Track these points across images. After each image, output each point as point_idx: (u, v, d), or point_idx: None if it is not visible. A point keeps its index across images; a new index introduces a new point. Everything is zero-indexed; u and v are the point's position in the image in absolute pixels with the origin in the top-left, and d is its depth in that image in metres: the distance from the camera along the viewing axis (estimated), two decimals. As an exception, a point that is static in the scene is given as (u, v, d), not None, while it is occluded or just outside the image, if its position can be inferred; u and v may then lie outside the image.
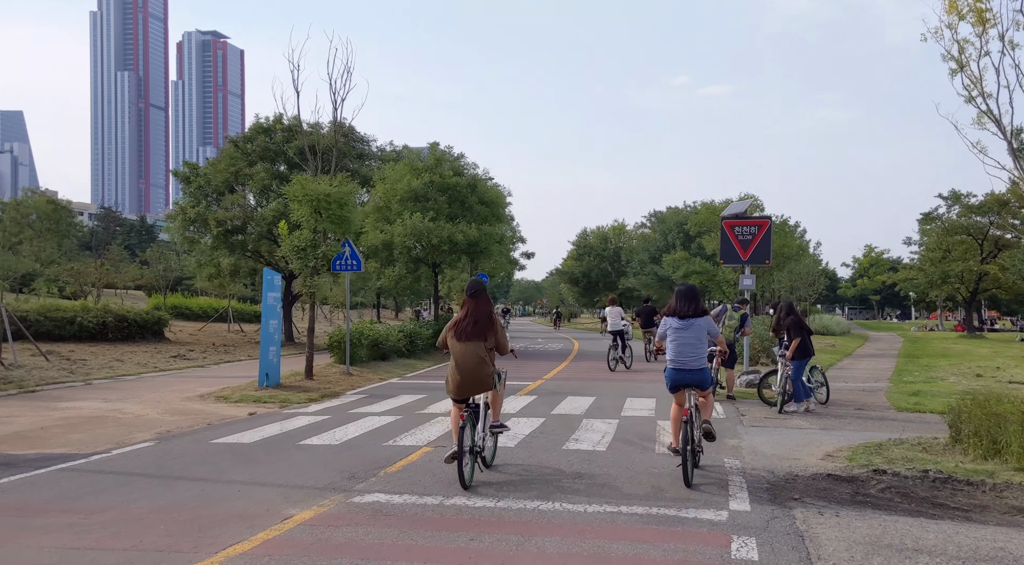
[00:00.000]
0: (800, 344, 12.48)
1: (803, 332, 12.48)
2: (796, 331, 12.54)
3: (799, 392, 12.47)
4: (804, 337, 12.48)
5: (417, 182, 25.28)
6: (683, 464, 7.09)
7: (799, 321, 12.57)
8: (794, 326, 12.55)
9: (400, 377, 17.71)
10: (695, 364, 7.49)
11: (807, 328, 12.61)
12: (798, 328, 12.51)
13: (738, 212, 16.61)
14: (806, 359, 12.48)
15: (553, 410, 12.08)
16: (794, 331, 12.55)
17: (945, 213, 42.52)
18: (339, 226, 15.80)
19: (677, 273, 35.23)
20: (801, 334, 12.50)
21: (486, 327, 7.43)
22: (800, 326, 12.53)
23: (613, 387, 15.71)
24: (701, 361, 7.53)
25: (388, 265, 25.91)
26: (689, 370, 7.50)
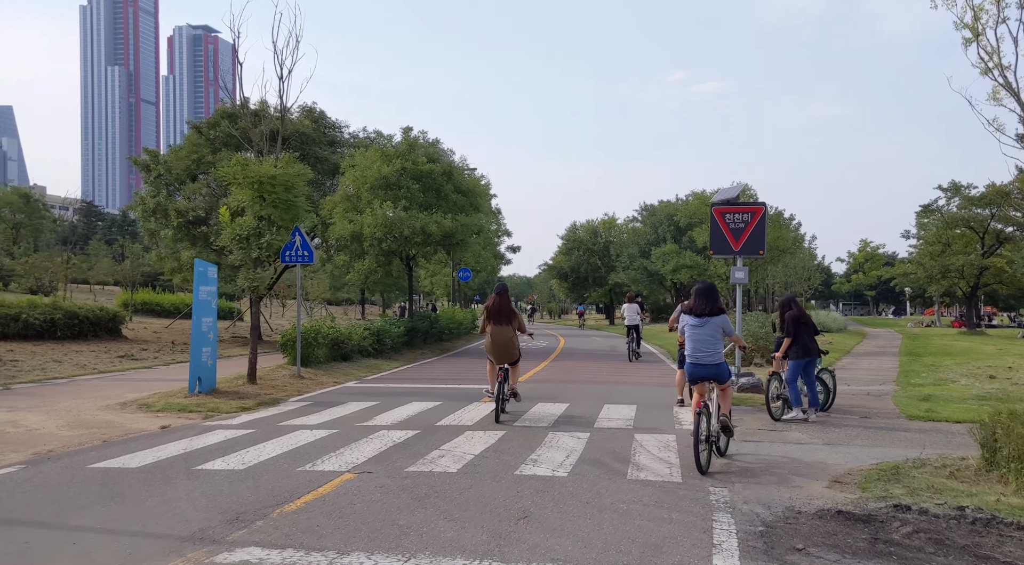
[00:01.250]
0: (795, 342, 10.96)
1: (802, 328, 10.97)
2: (791, 327, 11.02)
3: (793, 397, 10.97)
4: (802, 334, 10.96)
5: (388, 169, 23.66)
6: (695, 454, 7.44)
7: (797, 316, 11.05)
8: (791, 322, 11.03)
9: (358, 380, 16.13)
10: (710, 359, 7.92)
11: (809, 324, 11.08)
12: (794, 324, 10.99)
13: (729, 198, 15.05)
14: (804, 360, 10.96)
15: (517, 421, 10.53)
16: (789, 327, 11.03)
17: (945, 206, 41.07)
18: (286, 212, 14.22)
19: (666, 267, 33.73)
20: (798, 331, 10.99)
21: (511, 315, 11.35)
22: (797, 322, 11.02)
23: (591, 391, 14.17)
24: (717, 356, 7.95)
25: (359, 258, 24.30)
26: (704, 365, 7.94)
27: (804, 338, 10.92)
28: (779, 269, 31.97)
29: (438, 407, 11.88)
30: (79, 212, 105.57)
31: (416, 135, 24.76)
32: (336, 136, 28.64)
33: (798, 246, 34.13)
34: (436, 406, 11.99)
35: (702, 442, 7.51)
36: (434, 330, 25.93)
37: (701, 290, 8.24)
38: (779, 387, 11.30)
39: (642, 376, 17.49)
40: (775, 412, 11.15)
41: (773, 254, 29.32)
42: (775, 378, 11.47)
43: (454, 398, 12.99)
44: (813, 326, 11.20)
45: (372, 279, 24.42)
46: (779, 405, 11.37)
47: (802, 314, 11.13)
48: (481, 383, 15.18)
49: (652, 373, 18.21)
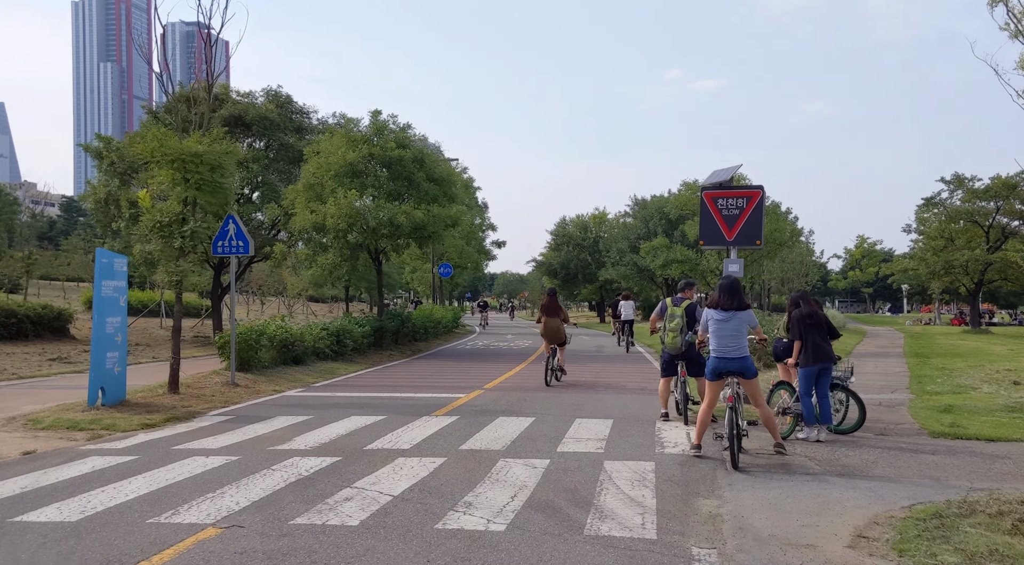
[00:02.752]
0: (805, 346, 9.19)
1: (811, 330, 9.20)
2: (796, 328, 9.26)
3: (806, 414, 9.20)
4: (811, 336, 9.19)
5: (354, 155, 21.78)
6: (730, 449, 7.62)
7: (806, 315, 9.26)
8: (796, 322, 9.27)
9: (304, 388, 14.30)
10: (737, 353, 7.91)
11: (821, 325, 9.29)
12: (800, 324, 9.23)
13: (722, 181, 13.25)
14: (815, 367, 9.18)
15: (465, 442, 8.73)
16: (795, 328, 9.28)
17: (948, 199, 39.33)
18: (212, 196, 12.40)
19: (656, 262, 31.91)
20: (805, 332, 9.23)
21: (558, 310, 15.44)
22: (804, 321, 9.25)
23: (564, 401, 12.37)
24: (743, 350, 7.95)
25: (322, 251, 22.44)
26: (731, 359, 7.92)
27: (814, 340, 9.15)
28: (776, 264, 30.19)
29: (379, 423, 10.08)
30: (61, 207, 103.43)
31: (385, 119, 22.90)
32: (304, 122, 26.74)
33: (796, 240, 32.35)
34: (377, 422, 10.18)
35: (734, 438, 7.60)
36: (405, 330, 24.11)
37: (725, 286, 8.20)
38: (788, 400, 9.53)
39: (624, 380, 15.71)
40: (781, 429, 9.40)
41: (770, 247, 27.58)
42: (783, 389, 9.70)
43: (403, 411, 11.19)
44: (827, 326, 9.38)
45: (336, 274, 22.54)
46: (785, 421, 9.62)
47: (813, 313, 9.34)
48: (445, 390, 13.41)
49: (635, 377, 16.43)
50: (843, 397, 9.67)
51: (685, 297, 10.47)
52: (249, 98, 26.69)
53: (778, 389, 9.74)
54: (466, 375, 16.89)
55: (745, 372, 7.90)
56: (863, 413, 9.52)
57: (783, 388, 9.71)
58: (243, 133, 25.33)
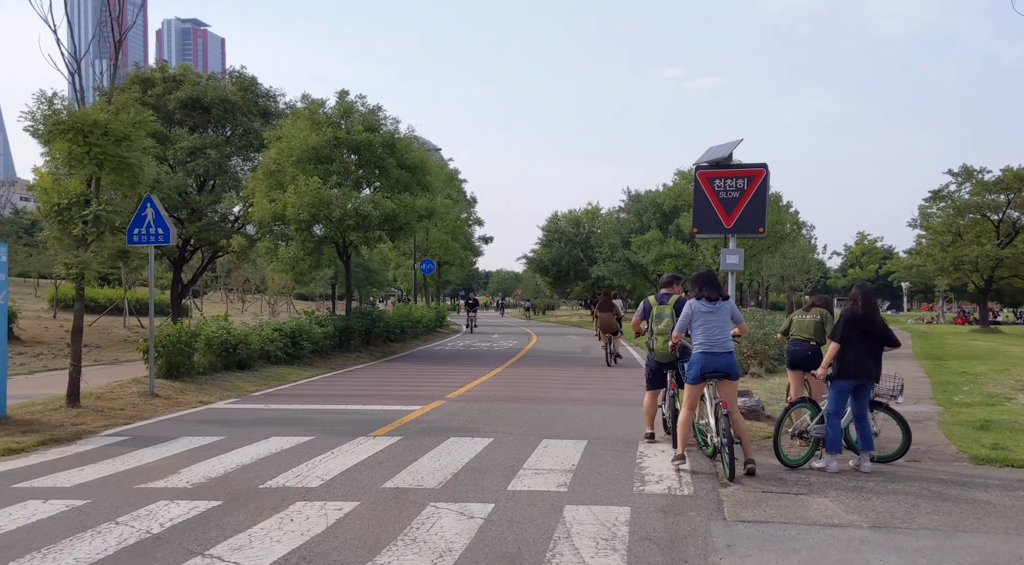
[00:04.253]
0: (845, 353, 7.34)
1: (858, 336, 7.33)
2: (840, 329, 7.41)
3: (831, 438, 7.36)
4: (855, 343, 7.30)
5: (317, 138, 19.91)
6: (728, 462, 6.90)
7: (860, 318, 7.35)
8: (844, 322, 7.40)
9: (238, 398, 12.45)
10: (725, 346, 7.27)
11: (872, 331, 7.35)
12: (847, 326, 7.35)
13: (719, 158, 11.40)
14: (852, 381, 7.32)
15: (394, 477, 6.91)
16: (838, 328, 7.44)
17: (955, 192, 37.48)
18: (118, 174, 10.55)
19: (648, 256, 30.05)
20: (848, 336, 7.36)
21: (611, 307, 18.98)
22: (857, 325, 7.36)
23: (532, 415, 10.54)
24: (730, 344, 7.33)
25: (284, 244, 20.57)
26: (720, 353, 7.21)
27: (859, 351, 7.29)
28: (776, 259, 28.35)
29: (300, 447, 8.25)
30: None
31: (353, 100, 21.02)
32: (270, 106, 24.84)
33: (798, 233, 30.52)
34: (298, 445, 8.35)
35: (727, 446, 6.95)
36: (377, 330, 22.26)
37: (704, 276, 7.62)
38: (811, 420, 7.72)
39: (607, 387, 13.90)
40: (792, 455, 7.61)
41: (770, 241, 25.78)
42: (804, 408, 7.87)
43: (338, 429, 9.36)
44: (883, 336, 7.41)
45: (299, 269, 20.68)
46: (800, 446, 7.83)
47: (868, 316, 7.39)
48: (401, 400, 11.59)
49: (620, 384, 14.61)
50: (883, 418, 7.82)
51: (671, 293, 8.69)
52: (212, 81, 24.83)
53: (798, 407, 7.90)
54: (432, 381, 15.07)
55: (732, 370, 7.25)
56: (908, 438, 7.67)
57: (804, 407, 7.88)
58: (201, 117, 23.46)
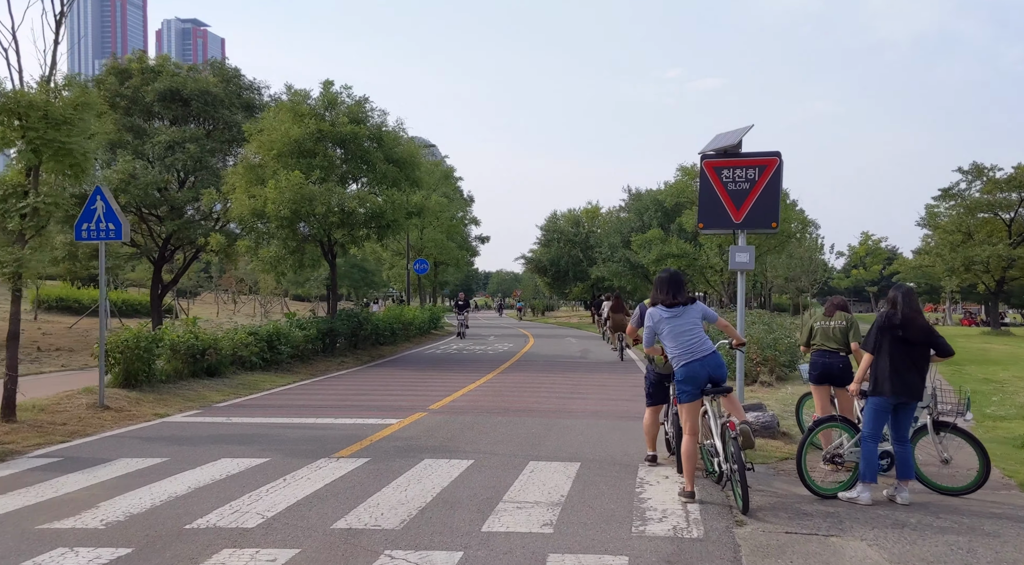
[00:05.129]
0: (879, 365, 6.29)
1: (897, 345, 6.26)
2: (874, 337, 6.37)
3: (865, 465, 6.29)
4: (898, 354, 6.23)
5: (299, 130, 18.85)
6: (742, 493, 5.87)
7: (900, 322, 6.28)
8: (879, 329, 6.36)
9: (201, 409, 11.38)
10: (705, 348, 6.35)
11: (913, 339, 6.26)
12: (886, 333, 6.31)
13: (728, 146, 10.31)
14: (891, 399, 6.25)
15: (348, 514, 5.85)
16: (872, 337, 6.40)
17: (966, 189, 36.37)
18: (58, 161, 9.49)
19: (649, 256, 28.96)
20: (879, 343, 6.33)
21: (622, 308, 21.67)
22: (894, 330, 6.28)
23: (521, 430, 9.47)
24: (708, 343, 6.43)
25: (264, 242, 19.52)
26: (704, 357, 6.30)
27: (898, 362, 6.23)
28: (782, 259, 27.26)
29: (249, 472, 7.19)
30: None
31: (338, 90, 19.97)
32: (253, 99, 23.78)
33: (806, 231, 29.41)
34: (248, 470, 7.29)
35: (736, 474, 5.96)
36: (364, 332, 21.19)
37: (665, 279, 6.73)
38: (847, 442, 6.68)
39: (605, 398, 12.82)
40: (822, 481, 6.60)
41: (777, 240, 24.69)
42: (836, 427, 6.84)
43: (299, 449, 8.29)
44: (921, 339, 6.30)
45: (281, 269, 19.63)
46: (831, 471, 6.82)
47: (909, 320, 6.30)
48: (378, 412, 10.52)
49: (619, 393, 13.54)
50: (952, 442, 6.69)
51: None
52: (192, 72, 23.78)
53: (828, 426, 6.85)
54: (417, 389, 14.02)
55: (720, 374, 6.36)
56: (986, 465, 6.44)
57: (836, 426, 6.83)
58: (181, 110, 22.40)
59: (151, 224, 23.44)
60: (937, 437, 6.71)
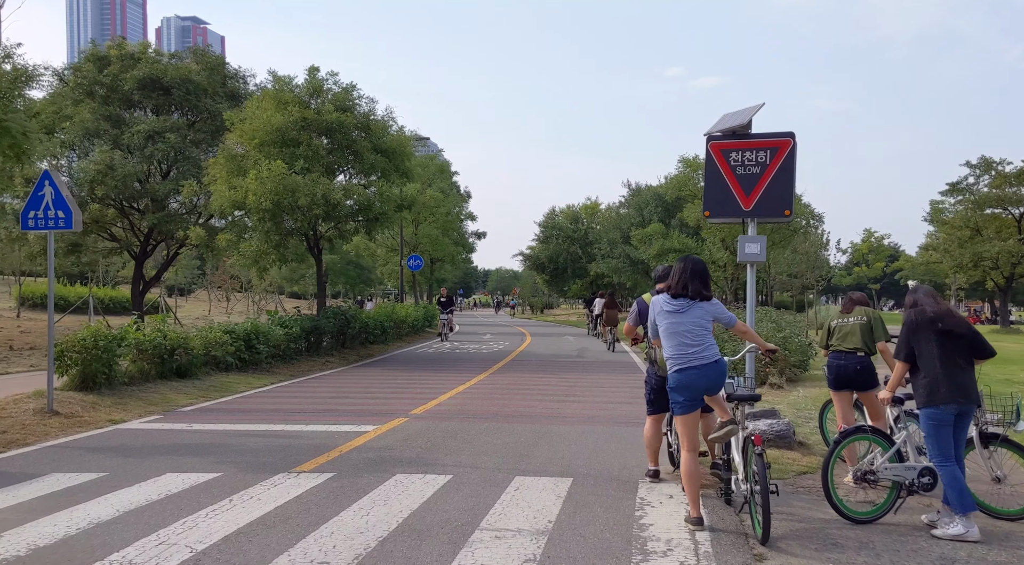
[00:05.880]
0: (921, 370, 5.38)
1: (940, 343, 5.36)
2: (907, 341, 5.47)
3: (955, 493, 5.21)
4: (942, 355, 5.32)
5: (281, 118, 17.93)
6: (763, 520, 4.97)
7: (932, 317, 5.39)
8: (912, 328, 5.47)
9: (163, 414, 10.48)
10: (707, 355, 5.37)
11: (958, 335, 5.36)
12: (920, 331, 5.42)
13: (736, 126, 9.39)
14: (952, 407, 5.30)
15: (295, 545, 4.95)
16: (903, 341, 5.51)
17: (974, 184, 35.43)
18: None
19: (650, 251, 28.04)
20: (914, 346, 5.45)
21: (615, 305, 23.66)
22: (930, 326, 5.38)
23: (509, 438, 8.57)
24: (713, 349, 5.41)
25: (245, 236, 18.59)
26: (702, 366, 5.34)
27: (944, 361, 5.32)
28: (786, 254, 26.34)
29: (195, 490, 6.29)
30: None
31: (324, 77, 19.05)
32: (238, 88, 22.86)
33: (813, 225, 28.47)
34: (195, 487, 6.40)
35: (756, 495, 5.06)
36: (351, 331, 20.27)
37: (683, 266, 5.60)
38: (880, 457, 5.78)
39: (601, 400, 11.92)
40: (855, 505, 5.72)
41: (782, 234, 23.77)
42: (867, 439, 5.96)
43: (258, 462, 7.40)
44: (967, 335, 5.39)
45: (263, 264, 18.71)
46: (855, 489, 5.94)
47: (944, 314, 5.43)
48: (355, 418, 9.62)
49: (616, 395, 12.63)
50: (1003, 457, 5.79)
51: None
52: (175, 59, 22.88)
53: (856, 439, 5.96)
54: (402, 391, 13.12)
55: (719, 385, 5.52)
56: None
57: (867, 438, 5.95)
58: (162, 98, 21.49)
59: (132, 218, 22.55)
60: (986, 451, 5.82)
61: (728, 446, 5.95)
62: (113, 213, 22.21)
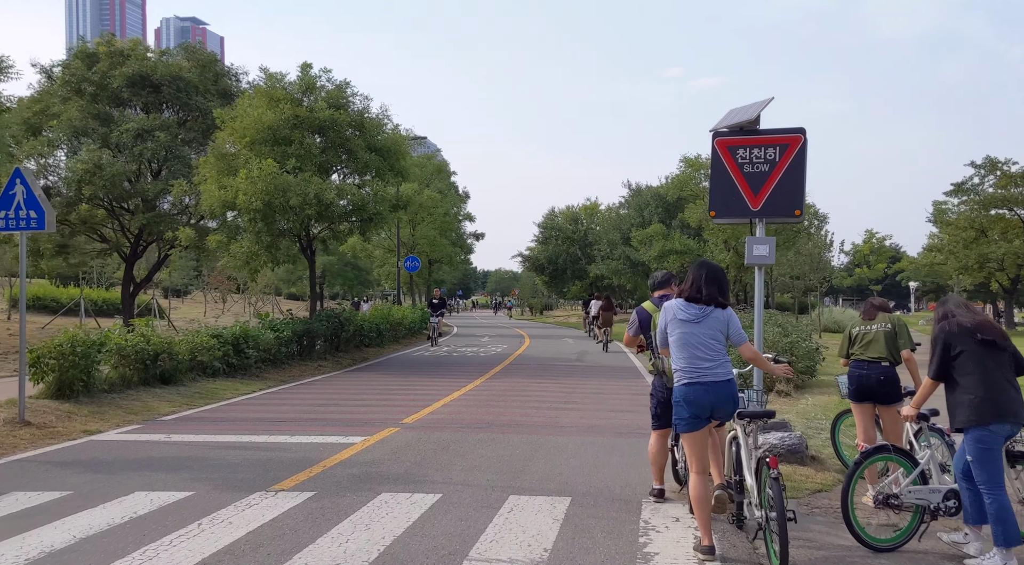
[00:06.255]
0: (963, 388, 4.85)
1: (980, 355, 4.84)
2: (942, 355, 4.98)
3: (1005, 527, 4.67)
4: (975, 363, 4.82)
5: (272, 115, 17.46)
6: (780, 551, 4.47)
7: (971, 327, 4.88)
8: (947, 338, 4.98)
9: (142, 423, 10.00)
10: (720, 372, 4.89)
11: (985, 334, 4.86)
12: (946, 344, 4.94)
13: (744, 122, 8.92)
14: (1006, 425, 4.77)
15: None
16: (937, 354, 5.01)
17: (979, 184, 34.97)
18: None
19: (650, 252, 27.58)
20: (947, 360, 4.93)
21: (611, 307, 24.26)
22: (971, 336, 4.87)
23: (504, 450, 8.10)
24: (727, 368, 4.94)
25: (235, 237, 18.11)
26: (713, 383, 4.86)
27: (988, 373, 4.82)
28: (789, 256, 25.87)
29: (162, 512, 5.83)
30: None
31: (317, 73, 18.58)
32: (230, 86, 22.39)
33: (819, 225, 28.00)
34: (162, 508, 5.93)
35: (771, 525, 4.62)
36: (346, 334, 19.81)
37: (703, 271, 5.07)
38: (902, 478, 5.31)
39: (602, 407, 11.44)
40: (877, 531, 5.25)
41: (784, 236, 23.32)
42: (891, 459, 5.47)
43: (234, 480, 6.93)
44: (1006, 344, 4.89)
45: (254, 266, 18.23)
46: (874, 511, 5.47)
47: (984, 319, 4.99)
48: (343, 428, 9.14)
49: (617, 402, 12.16)
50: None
51: (670, 294, 6.32)
52: (166, 56, 22.42)
53: (878, 459, 5.49)
54: (395, 397, 12.65)
55: (728, 410, 4.99)
56: None
57: (889, 458, 5.47)
58: (152, 96, 21.02)
59: (122, 218, 22.08)
60: (1012, 471, 5.36)
61: (739, 466, 5.49)
62: (103, 214, 21.74)
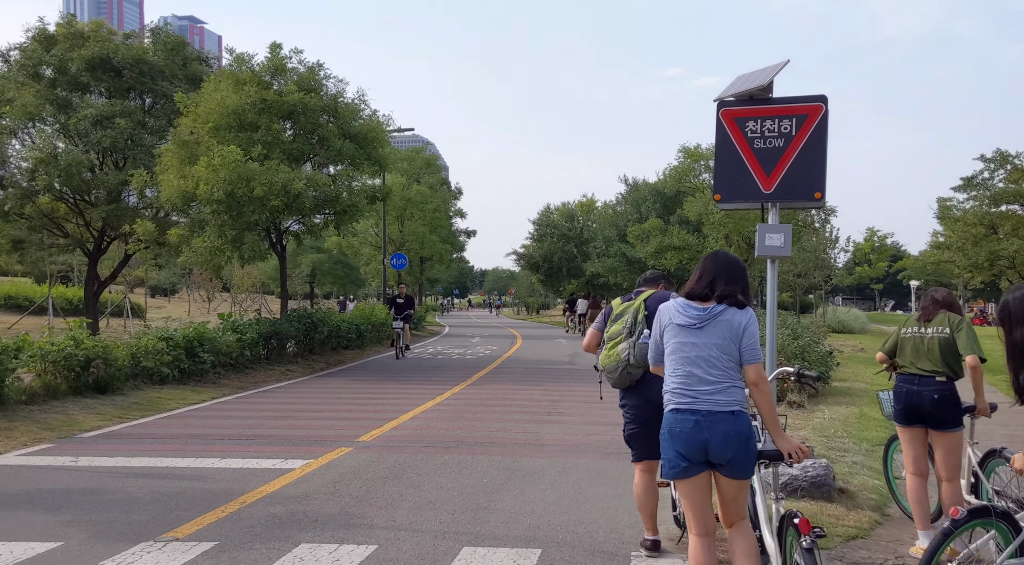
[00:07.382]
0: None
1: None
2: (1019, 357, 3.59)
3: None
4: None
5: (237, 99, 16.09)
6: None
7: None
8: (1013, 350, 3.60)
9: (56, 441, 8.62)
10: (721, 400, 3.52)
11: None
12: None
13: (754, 89, 7.56)
14: None
15: None
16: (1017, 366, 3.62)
17: (989, 179, 33.65)
18: None
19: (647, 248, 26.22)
20: None
21: (598, 306, 25.28)
22: None
23: (465, 483, 6.74)
24: (735, 394, 3.54)
25: (199, 230, 16.74)
26: (710, 413, 3.51)
27: None
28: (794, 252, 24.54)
29: None
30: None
31: (287, 54, 17.22)
32: (201, 71, 21.02)
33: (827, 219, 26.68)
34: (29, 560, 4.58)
35: None
36: (319, 336, 18.44)
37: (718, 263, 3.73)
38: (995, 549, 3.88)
39: (588, 421, 10.07)
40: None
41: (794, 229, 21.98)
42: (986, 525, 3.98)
43: (124, 522, 5.58)
44: None
45: (217, 262, 16.84)
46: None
47: None
48: (289, 447, 7.79)
49: (606, 415, 10.70)
50: None
51: (650, 288, 5.07)
52: (131, 39, 21.06)
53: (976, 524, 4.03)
54: (361, 408, 11.30)
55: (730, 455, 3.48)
56: None
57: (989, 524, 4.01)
58: (113, 81, 19.65)
59: (85, 212, 20.72)
60: None
61: (755, 515, 4.17)
62: (65, 208, 20.40)
